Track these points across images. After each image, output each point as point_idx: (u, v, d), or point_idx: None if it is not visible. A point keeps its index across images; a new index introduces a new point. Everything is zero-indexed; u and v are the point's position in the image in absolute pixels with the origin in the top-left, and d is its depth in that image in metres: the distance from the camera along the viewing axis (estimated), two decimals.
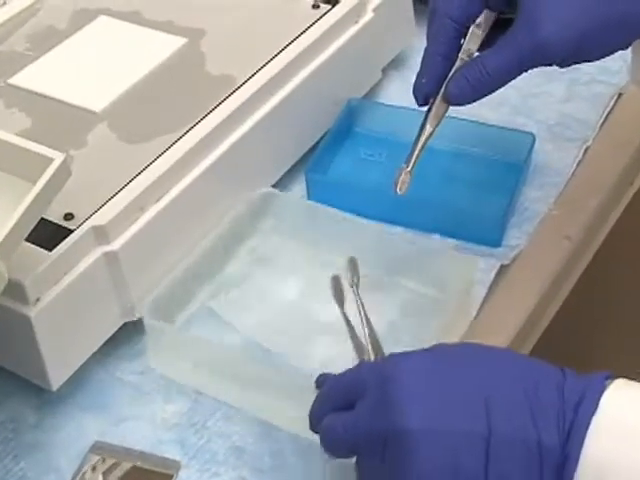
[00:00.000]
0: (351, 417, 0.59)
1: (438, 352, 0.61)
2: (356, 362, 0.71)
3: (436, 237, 0.84)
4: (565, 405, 0.56)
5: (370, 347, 0.72)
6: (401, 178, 0.75)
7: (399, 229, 0.85)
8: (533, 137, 0.88)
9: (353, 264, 0.79)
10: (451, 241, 0.84)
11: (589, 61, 0.74)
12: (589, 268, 0.89)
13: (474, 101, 0.74)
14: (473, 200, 0.86)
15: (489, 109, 0.95)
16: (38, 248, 0.70)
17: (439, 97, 0.74)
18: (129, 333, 0.77)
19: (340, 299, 0.77)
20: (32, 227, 0.64)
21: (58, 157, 0.63)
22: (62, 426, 0.73)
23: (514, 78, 0.73)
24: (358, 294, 0.77)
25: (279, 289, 0.81)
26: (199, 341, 0.76)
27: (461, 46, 0.75)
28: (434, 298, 0.79)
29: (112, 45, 0.90)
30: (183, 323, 0.78)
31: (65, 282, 0.71)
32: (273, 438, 0.71)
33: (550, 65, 0.73)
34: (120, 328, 0.76)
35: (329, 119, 0.91)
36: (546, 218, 0.86)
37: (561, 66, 0.73)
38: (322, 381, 0.65)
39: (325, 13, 0.91)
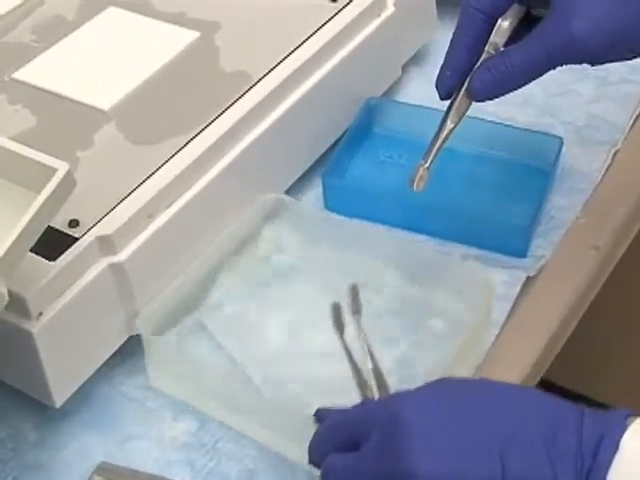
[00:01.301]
0: (355, 460, 0.56)
1: (449, 390, 0.57)
2: (357, 394, 0.69)
3: (458, 246, 0.80)
4: (583, 447, 0.53)
5: (374, 382, 0.69)
6: (418, 175, 0.71)
7: (419, 237, 0.81)
8: (561, 141, 0.85)
9: (355, 292, 0.76)
10: (474, 250, 0.80)
11: (622, 60, 0.70)
12: (613, 276, 0.85)
13: (498, 97, 0.71)
14: (498, 207, 0.82)
15: (514, 108, 0.92)
16: (40, 258, 0.67)
17: (462, 92, 0.71)
18: (135, 346, 0.73)
19: (340, 328, 0.74)
20: (34, 241, 0.61)
21: (62, 167, 0.59)
22: (65, 445, 0.70)
23: (541, 75, 0.70)
24: (360, 325, 0.73)
25: (279, 312, 0.76)
26: (192, 360, 0.72)
27: (488, 39, 0.71)
28: (454, 313, 0.75)
29: (121, 38, 0.86)
30: (178, 338, 0.74)
31: (69, 295, 0.67)
32: (287, 463, 0.68)
33: (580, 63, 0.69)
34: (126, 341, 0.73)
35: (346, 119, 0.87)
36: (573, 227, 0.82)
37: (592, 64, 0.70)
38: (322, 416, 0.62)
39: (344, 7, 0.87)
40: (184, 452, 0.69)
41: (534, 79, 0.70)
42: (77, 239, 0.69)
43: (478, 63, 0.71)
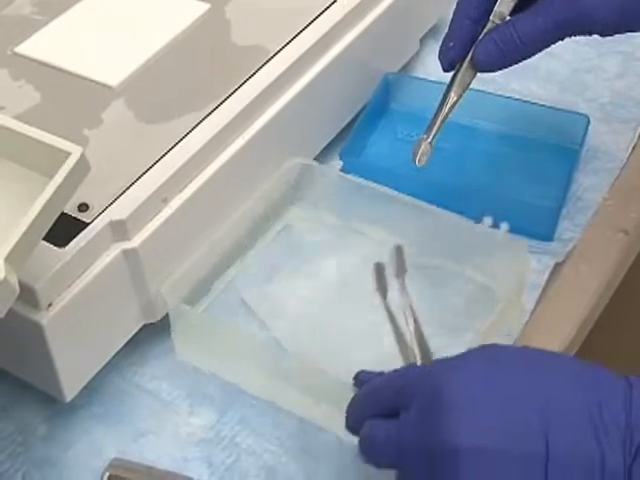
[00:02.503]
0: (395, 427, 0.54)
1: (493, 358, 0.54)
2: (398, 362, 0.64)
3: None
4: (633, 421, 0.50)
5: (417, 348, 0.65)
6: (421, 150, 0.70)
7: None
8: (588, 119, 0.81)
9: (399, 253, 0.71)
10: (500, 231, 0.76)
11: (633, 31, 0.68)
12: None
13: (503, 68, 0.69)
14: (523, 189, 0.79)
15: (536, 85, 0.88)
16: (50, 245, 0.63)
17: (466, 62, 0.69)
18: (150, 335, 0.70)
19: (383, 290, 0.69)
20: (47, 229, 0.57)
21: (76, 151, 0.56)
22: (76, 440, 0.67)
23: (548, 46, 0.68)
24: (405, 287, 0.69)
25: (312, 280, 0.74)
26: (227, 330, 0.69)
27: (493, 9, 0.69)
28: (487, 287, 0.73)
29: (128, 11, 0.81)
30: (207, 307, 0.72)
31: (80, 284, 0.63)
32: (308, 456, 0.65)
33: (590, 34, 0.67)
34: (140, 329, 0.69)
35: (364, 95, 0.84)
36: (600, 209, 0.79)
37: (602, 35, 0.68)
38: (362, 379, 0.60)
39: None
40: (201, 447, 0.66)
41: (541, 50, 0.68)
42: (88, 224, 0.65)
43: (483, 33, 0.69)
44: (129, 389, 0.69)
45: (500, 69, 0.69)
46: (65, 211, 0.65)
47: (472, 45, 0.69)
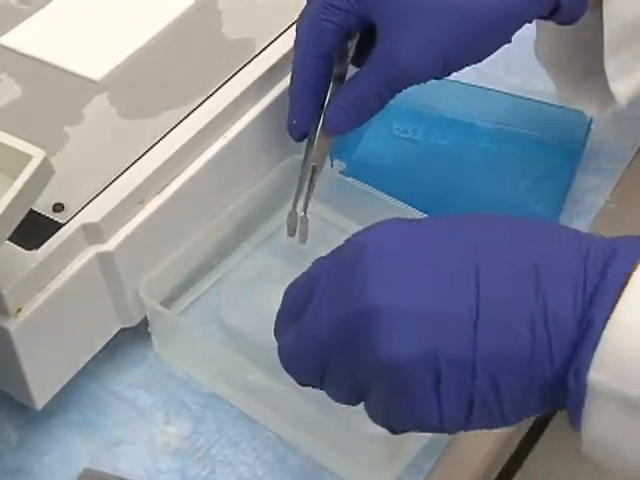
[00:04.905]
0: (304, 318, 0.49)
1: (413, 225, 0.49)
2: None
3: None
4: (587, 265, 0.45)
5: None
6: (300, 229, 0.67)
7: None
8: (590, 117, 0.78)
9: None
10: None
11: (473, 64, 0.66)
12: None
13: (357, 127, 0.67)
14: (520, 190, 0.76)
15: (538, 80, 0.85)
16: (19, 248, 0.61)
17: (319, 130, 0.67)
18: (129, 340, 0.68)
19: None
20: (9, 234, 0.55)
21: (38, 155, 0.53)
22: (48, 448, 0.64)
23: (392, 97, 0.66)
24: None
25: None
26: (199, 336, 0.67)
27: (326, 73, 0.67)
28: None
29: (115, 2, 0.79)
30: (184, 310, 0.70)
31: (51, 289, 0.61)
32: (285, 469, 0.63)
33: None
34: (120, 334, 0.67)
35: None
36: (602, 212, 0.76)
37: (438, 79, 0.66)
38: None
39: None
40: (176, 458, 0.64)
41: (387, 102, 0.66)
42: (62, 225, 0.63)
43: (328, 95, 0.67)
44: (105, 396, 0.67)
45: (354, 129, 0.67)
46: (39, 211, 0.63)
47: (316, 116, 0.67)
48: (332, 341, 0.48)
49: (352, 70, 0.68)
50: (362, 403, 0.50)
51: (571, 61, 0.74)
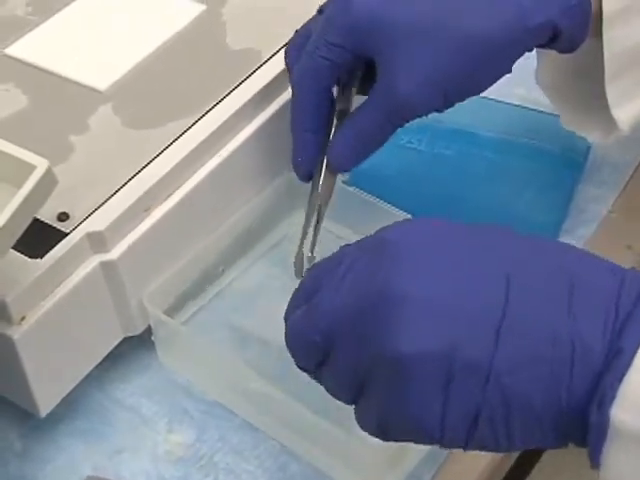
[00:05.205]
0: (318, 297, 0.48)
1: (447, 222, 0.49)
2: None
3: None
4: (622, 292, 0.44)
5: None
6: (305, 267, 0.64)
7: None
8: None
9: None
10: None
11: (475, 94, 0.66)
12: None
13: (360, 163, 0.66)
14: (523, 200, 0.76)
15: (540, 91, 0.85)
16: (23, 256, 0.61)
17: (323, 168, 0.66)
18: (134, 348, 0.69)
19: None
20: (13, 243, 0.56)
21: (41, 165, 0.54)
22: (52, 457, 0.65)
23: (394, 131, 0.65)
24: None
25: None
26: (203, 346, 0.67)
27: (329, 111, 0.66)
28: None
29: (122, 12, 0.79)
30: (188, 319, 0.70)
31: (55, 297, 0.62)
32: (287, 477, 0.63)
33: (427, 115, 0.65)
34: (124, 342, 0.68)
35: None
36: (604, 222, 0.76)
37: (440, 112, 0.65)
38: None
39: None
40: (179, 466, 0.64)
41: (389, 137, 0.65)
42: (66, 234, 0.64)
43: (333, 130, 0.66)
44: (109, 404, 0.67)
45: (358, 165, 0.67)
46: (44, 220, 0.64)
47: (321, 153, 0.66)
48: (344, 324, 0.46)
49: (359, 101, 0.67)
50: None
51: (572, 88, 0.73)
